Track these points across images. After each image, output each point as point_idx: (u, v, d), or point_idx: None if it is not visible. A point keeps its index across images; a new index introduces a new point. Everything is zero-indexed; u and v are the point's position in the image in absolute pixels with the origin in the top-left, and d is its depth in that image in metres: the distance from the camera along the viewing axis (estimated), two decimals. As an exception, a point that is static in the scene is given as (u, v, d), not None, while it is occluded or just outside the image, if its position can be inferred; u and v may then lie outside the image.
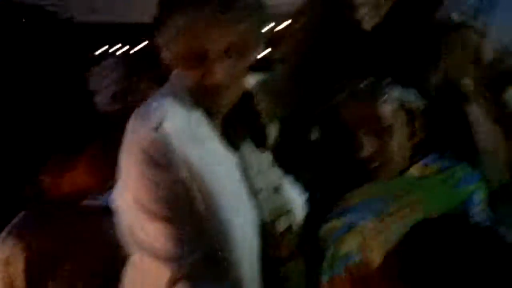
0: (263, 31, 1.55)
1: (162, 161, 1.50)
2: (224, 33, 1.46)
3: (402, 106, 1.55)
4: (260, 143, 1.63)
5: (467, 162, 1.60)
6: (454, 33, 1.65)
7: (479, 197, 1.55)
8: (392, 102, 1.54)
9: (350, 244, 1.49)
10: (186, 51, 1.49)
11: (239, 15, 1.47)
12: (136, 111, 1.59)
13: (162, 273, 1.51)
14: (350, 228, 1.50)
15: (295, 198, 1.64)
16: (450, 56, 1.63)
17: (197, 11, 1.44)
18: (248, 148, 1.62)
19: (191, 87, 1.54)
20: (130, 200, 1.54)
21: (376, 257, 1.43)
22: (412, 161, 1.58)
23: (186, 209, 1.52)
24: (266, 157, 1.63)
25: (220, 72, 1.48)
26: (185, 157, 1.50)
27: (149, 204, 1.51)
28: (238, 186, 1.56)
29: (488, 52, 1.63)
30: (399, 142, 1.55)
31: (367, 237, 1.48)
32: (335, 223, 1.53)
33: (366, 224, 1.49)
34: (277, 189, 1.62)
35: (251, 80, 1.63)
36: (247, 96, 1.61)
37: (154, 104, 1.57)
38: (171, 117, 1.52)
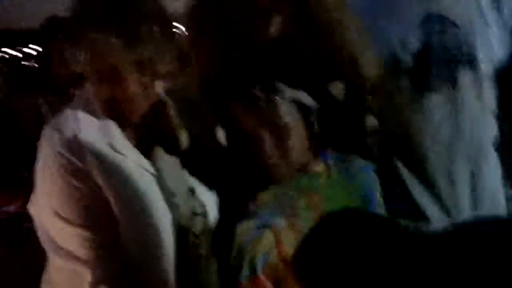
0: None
1: (77, 169, 1.59)
2: (133, 53, 1.54)
3: (297, 104, 1.63)
4: (172, 149, 1.70)
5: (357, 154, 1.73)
6: None
7: (377, 193, 1.69)
8: (286, 101, 1.61)
9: (266, 244, 1.56)
10: (98, 68, 1.56)
11: (145, 39, 1.56)
12: (49, 123, 1.67)
13: (83, 276, 1.61)
14: (264, 227, 1.57)
15: (208, 200, 1.73)
16: None
17: (107, 35, 1.53)
18: (160, 154, 1.69)
19: (103, 100, 1.61)
20: (46, 207, 1.62)
21: (291, 255, 1.47)
22: (312, 157, 1.67)
23: (102, 215, 1.61)
24: (177, 162, 1.71)
25: (131, 85, 1.57)
26: (99, 165, 1.59)
27: (65, 211, 1.60)
28: (153, 191, 1.64)
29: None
30: (297, 139, 1.62)
31: (281, 235, 1.56)
32: (249, 224, 1.59)
33: (278, 222, 1.58)
34: (191, 192, 1.71)
35: (161, 89, 1.69)
36: (158, 104, 1.68)
37: (68, 116, 1.65)
38: (84, 128, 1.61)
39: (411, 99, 2.02)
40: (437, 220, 1.84)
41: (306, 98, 1.64)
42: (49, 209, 1.63)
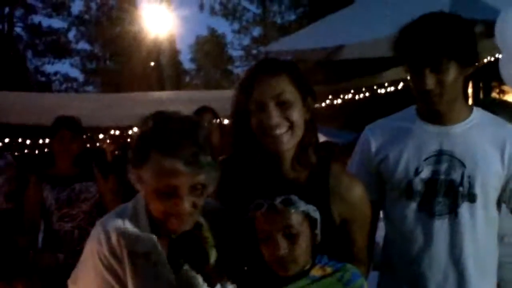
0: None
1: (116, 273, 1.89)
2: (191, 178, 1.82)
3: (306, 216, 1.92)
4: (201, 265, 1.96)
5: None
6: None
7: None
8: (299, 213, 1.90)
9: None
10: (160, 186, 1.83)
11: (202, 167, 1.83)
12: (100, 222, 1.97)
13: None
14: None
15: None
16: None
17: (172, 158, 1.79)
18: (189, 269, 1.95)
19: (157, 214, 1.89)
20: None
21: None
22: (311, 261, 1.94)
23: None
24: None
25: (186, 204, 1.83)
26: (131, 272, 1.88)
27: None
28: None
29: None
30: (304, 245, 1.91)
31: None
32: None
33: None
34: None
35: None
36: (198, 224, 1.97)
37: (114, 222, 1.94)
38: (128, 237, 1.90)
39: (416, 221, 2.36)
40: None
41: (314, 213, 1.93)
42: None
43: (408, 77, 2.35)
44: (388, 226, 2.51)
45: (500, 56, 5.28)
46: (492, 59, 7.39)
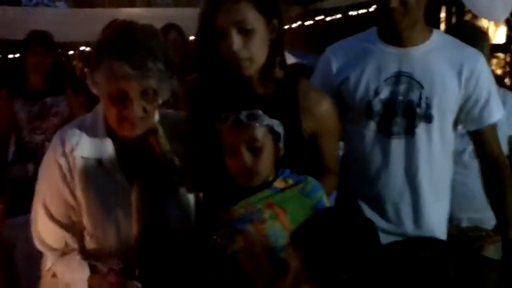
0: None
1: (67, 180, 2.01)
2: (139, 82, 1.88)
3: (270, 130, 2.00)
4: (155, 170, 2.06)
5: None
6: None
7: (325, 201, 2.04)
8: (263, 127, 1.97)
9: (237, 244, 1.93)
10: (111, 91, 1.89)
11: (151, 72, 1.89)
12: (58, 133, 2.07)
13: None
14: (235, 233, 1.94)
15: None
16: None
17: (120, 61, 1.85)
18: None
19: (111, 119, 1.97)
20: (40, 202, 2.06)
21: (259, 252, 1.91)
22: (274, 173, 2.03)
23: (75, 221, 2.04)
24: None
25: (136, 108, 1.90)
26: (81, 180, 2.00)
27: (51, 207, 2.04)
28: (124, 208, 2.01)
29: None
30: (267, 158, 1.99)
31: (250, 238, 1.93)
32: (224, 230, 1.96)
33: (247, 229, 1.94)
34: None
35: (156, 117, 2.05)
36: (152, 130, 2.04)
37: (71, 131, 2.04)
38: (82, 144, 2.01)
39: (375, 141, 2.45)
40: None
41: (278, 127, 2.01)
42: (41, 204, 2.05)
43: None
44: (347, 146, 2.60)
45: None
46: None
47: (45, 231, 2.05)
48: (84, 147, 2.00)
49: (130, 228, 1.99)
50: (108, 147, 2.01)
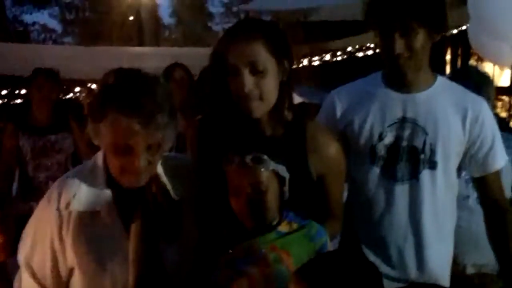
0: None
1: (61, 234, 1.96)
2: (147, 137, 1.86)
3: (276, 174, 1.99)
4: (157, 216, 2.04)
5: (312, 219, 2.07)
6: None
7: (328, 246, 2.02)
8: (268, 172, 1.96)
9: (240, 286, 1.91)
10: (116, 144, 1.87)
11: (158, 127, 1.86)
12: (56, 184, 2.03)
13: None
14: (239, 274, 1.91)
15: None
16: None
17: (128, 118, 1.81)
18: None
19: (114, 169, 1.94)
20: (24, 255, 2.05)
21: None
22: (279, 216, 2.01)
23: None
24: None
25: (141, 162, 1.88)
26: (74, 235, 1.95)
27: (35, 263, 2.03)
28: (120, 259, 1.96)
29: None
30: (272, 201, 1.97)
31: (254, 280, 1.90)
32: (226, 271, 1.93)
33: (251, 270, 1.91)
34: None
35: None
36: (155, 178, 2.03)
37: (69, 182, 2.00)
38: (78, 199, 1.97)
39: (379, 185, 2.45)
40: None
41: (283, 172, 2.00)
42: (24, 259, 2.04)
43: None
44: (351, 189, 2.59)
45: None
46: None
47: None
48: (81, 198, 1.97)
49: (126, 278, 1.95)
50: (107, 198, 1.97)
